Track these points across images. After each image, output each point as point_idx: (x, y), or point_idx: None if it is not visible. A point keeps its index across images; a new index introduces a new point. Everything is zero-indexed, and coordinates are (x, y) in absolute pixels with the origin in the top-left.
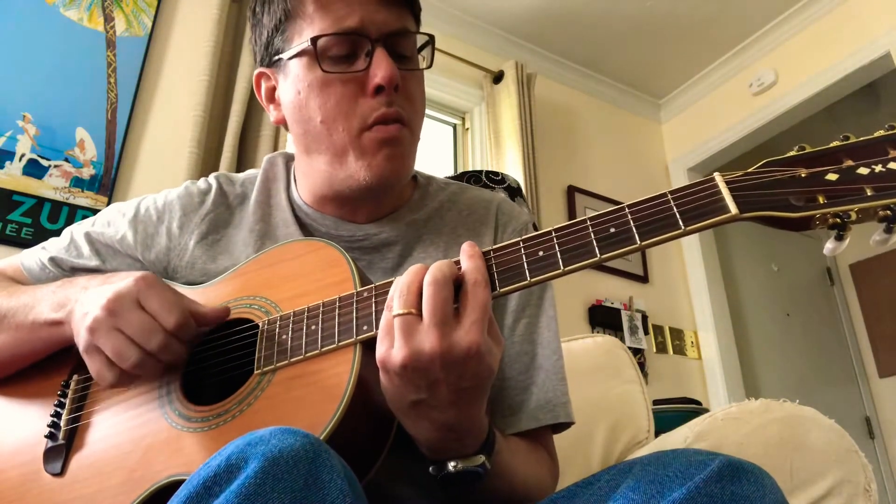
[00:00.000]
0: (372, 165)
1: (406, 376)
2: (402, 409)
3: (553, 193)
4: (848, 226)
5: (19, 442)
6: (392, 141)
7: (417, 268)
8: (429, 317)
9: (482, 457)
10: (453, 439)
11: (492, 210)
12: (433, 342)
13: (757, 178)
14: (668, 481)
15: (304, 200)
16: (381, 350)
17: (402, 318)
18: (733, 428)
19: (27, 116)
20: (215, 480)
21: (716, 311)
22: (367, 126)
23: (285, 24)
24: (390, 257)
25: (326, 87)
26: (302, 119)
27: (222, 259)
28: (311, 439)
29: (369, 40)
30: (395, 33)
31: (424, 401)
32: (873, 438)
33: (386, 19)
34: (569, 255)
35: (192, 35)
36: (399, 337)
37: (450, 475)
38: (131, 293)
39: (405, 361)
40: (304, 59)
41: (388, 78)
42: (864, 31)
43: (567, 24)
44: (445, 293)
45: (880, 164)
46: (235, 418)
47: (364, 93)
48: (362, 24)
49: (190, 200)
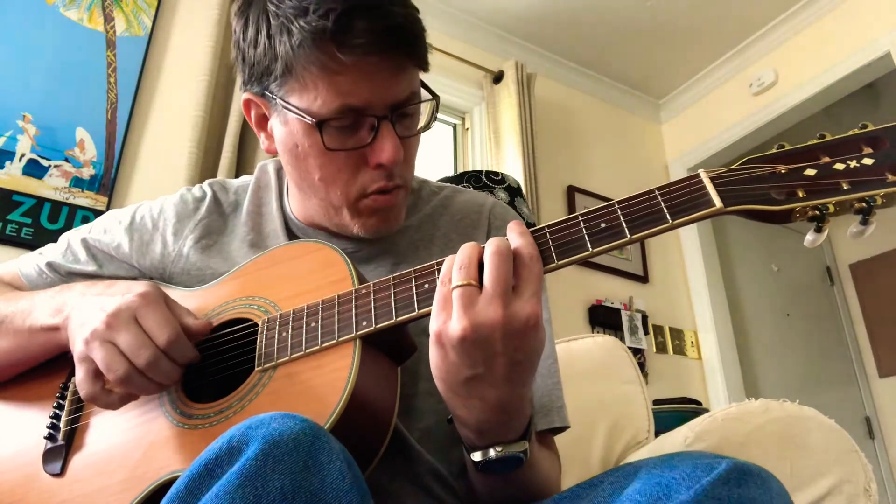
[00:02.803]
0: (367, 225)
1: (465, 349)
2: (454, 386)
3: (553, 193)
4: (827, 218)
5: (18, 444)
6: (389, 209)
7: (472, 245)
8: (492, 286)
9: (526, 442)
10: (503, 421)
11: (484, 214)
12: (496, 312)
13: (739, 173)
14: (675, 484)
15: (295, 215)
16: (437, 324)
17: (462, 290)
18: (733, 428)
19: (27, 116)
20: (217, 462)
21: (716, 311)
22: (364, 195)
23: (285, 76)
24: (383, 265)
25: (328, 153)
26: (299, 168)
27: (217, 265)
28: (310, 423)
29: (375, 117)
30: (402, 104)
31: (480, 376)
32: (873, 438)
33: (394, 92)
34: (561, 251)
35: (192, 35)
36: (459, 308)
37: (491, 462)
38: (130, 308)
39: (465, 333)
40: (304, 122)
41: (392, 160)
42: (864, 31)
43: (567, 24)
44: (508, 265)
45: (855, 159)
46: (237, 414)
47: (366, 163)
48: (370, 102)
49: (184, 207)
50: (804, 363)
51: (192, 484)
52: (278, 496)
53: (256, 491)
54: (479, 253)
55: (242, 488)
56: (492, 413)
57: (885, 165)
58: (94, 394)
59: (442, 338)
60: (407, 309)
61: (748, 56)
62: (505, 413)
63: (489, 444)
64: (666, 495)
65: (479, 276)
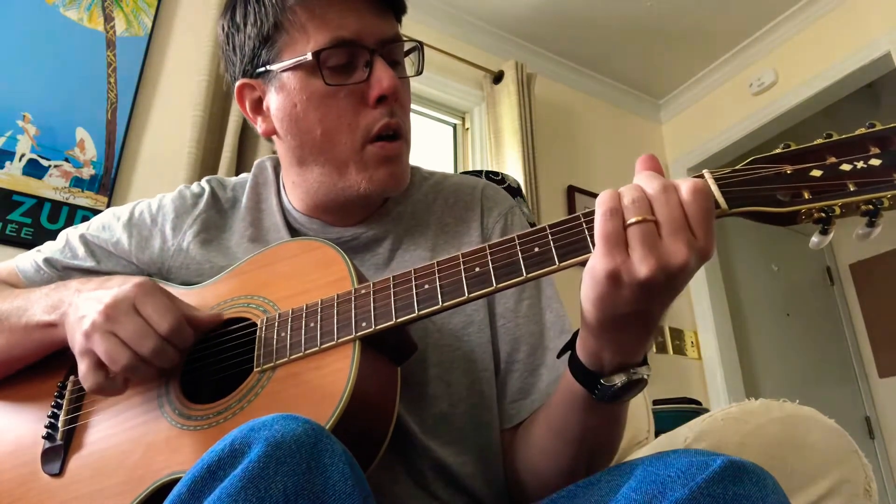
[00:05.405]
0: (373, 179)
1: (649, 288)
2: (615, 319)
3: (553, 193)
4: (832, 220)
5: (17, 443)
6: (395, 158)
7: (634, 185)
8: (678, 223)
9: (648, 366)
10: (644, 345)
11: (476, 195)
12: (683, 251)
13: (744, 174)
14: (670, 482)
15: (294, 207)
16: (612, 262)
17: (644, 226)
18: (733, 428)
19: (27, 116)
20: (219, 465)
21: (716, 311)
22: (370, 139)
23: (275, 35)
24: (380, 252)
25: (327, 98)
26: (299, 131)
27: (216, 259)
28: (312, 425)
29: (367, 50)
30: (390, 41)
31: (648, 311)
32: (873, 438)
33: (380, 27)
34: (564, 252)
35: (192, 35)
36: (641, 247)
37: (626, 385)
38: (128, 298)
39: (653, 273)
40: (300, 71)
41: (391, 88)
42: (864, 31)
43: (567, 24)
44: (679, 200)
45: (862, 160)
46: (236, 415)
47: (365, 103)
48: (359, 34)
49: (183, 203)
50: (804, 363)
51: (195, 486)
52: (281, 498)
53: (259, 493)
54: (643, 189)
55: (245, 491)
56: (644, 340)
57: (892, 166)
58: (100, 385)
59: (621, 276)
60: (407, 310)
61: (748, 56)
62: (650, 338)
63: (619, 369)
64: (661, 493)
65: (653, 212)
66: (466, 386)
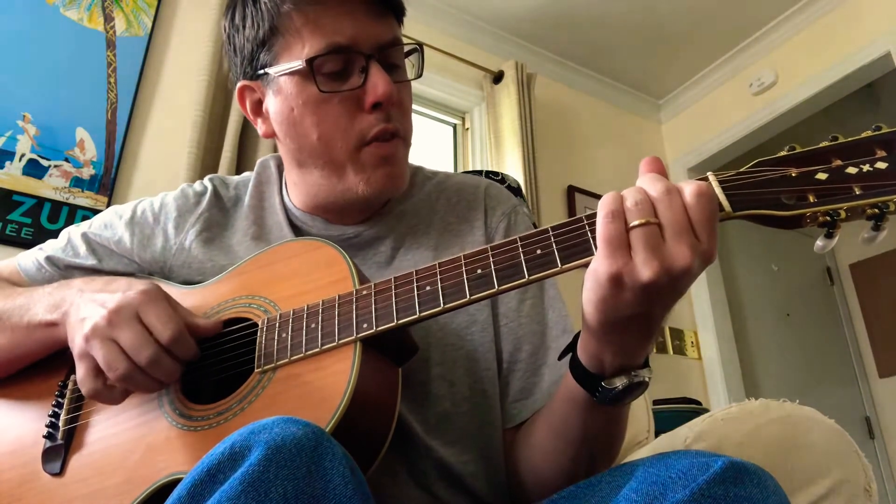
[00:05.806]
0: (371, 181)
1: (652, 291)
2: (617, 321)
3: (553, 193)
4: (838, 224)
5: (17, 443)
6: (391, 158)
7: (637, 187)
8: (678, 227)
9: (649, 368)
10: (645, 348)
11: (480, 195)
12: (686, 255)
13: (749, 177)
14: (671, 483)
15: (295, 205)
16: (615, 265)
17: (647, 229)
18: (733, 428)
19: (27, 116)
20: (219, 468)
21: (716, 311)
22: (365, 142)
23: (271, 39)
24: (382, 251)
25: (322, 104)
26: (297, 135)
27: (218, 258)
28: (313, 428)
29: (363, 55)
30: (388, 45)
31: (650, 314)
32: (873, 438)
33: (377, 32)
34: (566, 254)
35: (192, 35)
36: (644, 250)
37: (627, 387)
38: (132, 305)
39: (657, 277)
40: (296, 76)
41: (386, 95)
42: (864, 32)
43: (567, 24)
44: (682, 203)
45: (868, 163)
46: (237, 416)
47: (361, 108)
48: (355, 39)
49: (185, 201)
50: (804, 363)
51: (195, 489)
52: (281, 502)
53: (259, 497)
54: (646, 192)
55: (245, 494)
56: (642, 342)
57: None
58: (96, 390)
59: (623, 279)
60: (408, 311)
61: (748, 56)
62: (652, 340)
63: (620, 372)
64: (662, 494)
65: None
66: (469, 385)
